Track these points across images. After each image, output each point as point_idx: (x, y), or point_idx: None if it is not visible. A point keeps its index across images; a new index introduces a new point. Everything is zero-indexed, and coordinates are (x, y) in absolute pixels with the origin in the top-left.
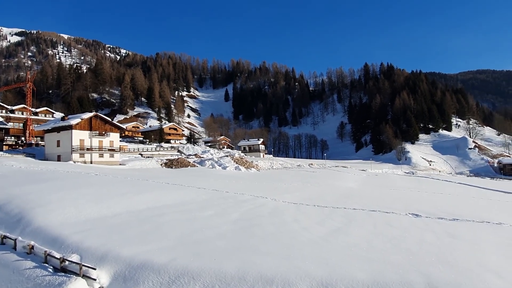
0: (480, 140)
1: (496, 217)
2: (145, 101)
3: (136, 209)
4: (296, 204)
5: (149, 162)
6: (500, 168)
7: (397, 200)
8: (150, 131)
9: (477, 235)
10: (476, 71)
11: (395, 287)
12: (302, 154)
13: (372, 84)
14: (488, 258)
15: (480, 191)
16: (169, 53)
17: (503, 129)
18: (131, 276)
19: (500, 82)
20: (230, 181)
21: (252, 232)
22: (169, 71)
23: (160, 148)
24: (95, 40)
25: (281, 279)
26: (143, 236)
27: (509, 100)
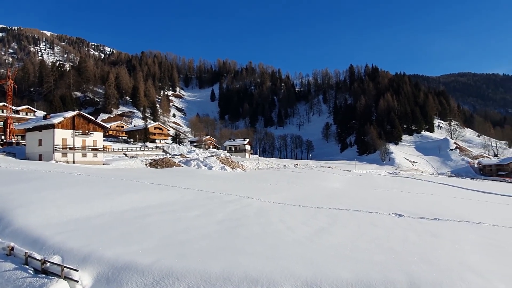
0: (461, 141)
1: (476, 217)
2: (129, 100)
3: (120, 209)
4: (282, 204)
5: (133, 162)
6: (480, 169)
7: (380, 200)
8: (135, 131)
9: (457, 234)
10: (457, 74)
11: (378, 286)
12: (288, 154)
13: (357, 85)
14: (468, 257)
15: (460, 191)
16: (155, 52)
17: (483, 131)
18: (115, 278)
19: (481, 85)
20: (216, 181)
21: (238, 233)
22: (155, 70)
23: (145, 147)
24: (78, 37)
25: (266, 279)
26: (127, 237)
27: (489, 102)
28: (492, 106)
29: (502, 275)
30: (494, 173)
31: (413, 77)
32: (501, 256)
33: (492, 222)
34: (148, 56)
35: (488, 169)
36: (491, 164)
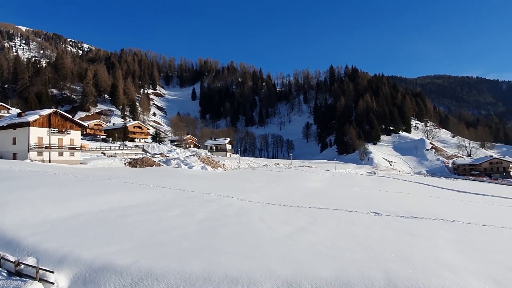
0: (437, 141)
1: (450, 215)
2: (108, 98)
3: (98, 209)
4: (262, 203)
5: (112, 161)
6: (454, 168)
7: (359, 199)
8: (114, 129)
9: (433, 232)
10: (433, 76)
11: (356, 283)
12: (269, 154)
13: (337, 86)
14: (443, 254)
15: (436, 190)
16: (135, 49)
17: (457, 132)
18: (92, 279)
19: (455, 87)
20: (196, 181)
21: (218, 232)
22: (134, 68)
23: (124, 147)
24: (55, 33)
25: (247, 278)
26: (105, 237)
27: (463, 104)
28: (466, 107)
29: (474, 271)
30: (468, 173)
31: (391, 78)
32: (473, 252)
33: (466, 220)
34: (128, 54)
35: (462, 169)
36: (465, 164)
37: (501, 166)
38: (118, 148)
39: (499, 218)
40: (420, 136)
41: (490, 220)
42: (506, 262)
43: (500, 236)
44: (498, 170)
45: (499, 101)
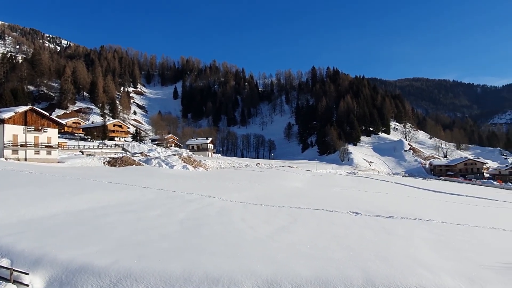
0: (415, 143)
1: (427, 215)
2: (87, 95)
3: (75, 209)
4: (244, 203)
5: (90, 160)
6: (431, 169)
7: (339, 199)
8: (93, 128)
9: (410, 231)
10: (412, 79)
11: (336, 282)
12: (250, 153)
13: (318, 87)
14: (420, 253)
15: (413, 190)
16: (115, 46)
17: (434, 133)
18: (68, 281)
19: (433, 90)
20: (177, 180)
21: (199, 232)
22: (115, 66)
23: (103, 145)
24: (32, 28)
25: (227, 278)
26: (82, 238)
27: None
28: (442, 110)
29: (450, 269)
30: (444, 173)
31: (371, 80)
32: (449, 251)
33: (441, 219)
34: (108, 51)
35: (438, 170)
36: (441, 165)
37: (475, 167)
38: (97, 147)
39: (473, 217)
40: (398, 137)
41: (464, 219)
42: (479, 260)
43: (473, 235)
44: (472, 171)
45: (474, 104)
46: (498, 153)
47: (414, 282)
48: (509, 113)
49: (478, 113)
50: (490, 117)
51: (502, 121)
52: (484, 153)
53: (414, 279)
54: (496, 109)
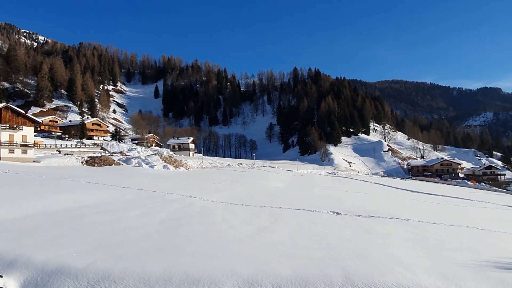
0: (393, 144)
1: (405, 214)
2: (65, 93)
3: (52, 210)
4: (225, 203)
5: (68, 160)
6: (408, 169)
7: (320, 199)
8: (70, 126)
9: (388, 230)
10: (391, 81)
11: (316, 281)
12: (232, 153)
13: (300, 87)
14: (397, 251)
15: (392, 190)
16: (94, 43)
17: (412, 135)
18: (44, 283)
19: (411, 92)
20: (158, 180)
21: (179, 232)
22: (94, 63)
23: (81, 144)
24: (7, 23)
25: (208, 278)
26: (59, 239)
27: (418, 108)
28: (420, 111)
29: (426, 267)
30: (421, 174)
31: (352, 81)
32: (425, 249)
33: (418, 218)
34: (87, 48)
35: (415, 170)
36: (418, 165)
37: (451, 168)
38: (75, 146)
39: (448, 216)
40: (378, 138)
41: (440, 218)
42: (454, 258)
43: (449, 233)
44: (448, 171)
45: (450, 106)
46: (473, 154)
47: (392, 280)
48: (483, 115)
49: (454, 115)
50: (465, 119)
51: (476, 123)
52: (459, 154)
53: (392, 277)
54: (471, 112)
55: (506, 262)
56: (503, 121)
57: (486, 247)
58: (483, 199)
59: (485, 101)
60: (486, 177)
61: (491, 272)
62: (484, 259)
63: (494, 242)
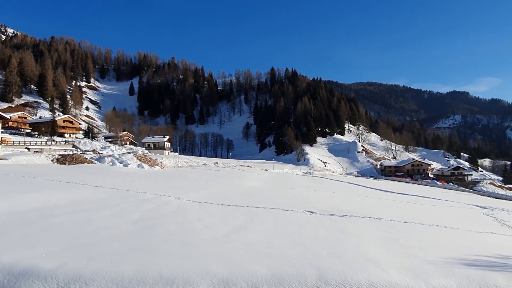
0: (367, 144)
1: (377, 213)
2: (35, 89)
3: (20, 210)
4: (200, 202)
5: (37, 158)
6: (381, 169)
7: (295, 199)
8: (40, 123)
9: (361, 229)
10: (366, 83)
11: (291, 280)
12: (208, 153)
13: (277, 88)
14: (370, 250)
15: (365, 190)
16: (67, 38)
17: (385, 136)
18: (11, 285)
19: (385, 94)
20: (132, 179)
21: (154, 232)
22: (66, 58)
23: (51, 142)
24: None
25: (182, 278)
26: (28, 239)
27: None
28: (393, 113)
29: (396, 265)
30: (393, 174)
31: (328, 83)
32: (396, 247)
33: (390, 217)
34: (59, 42)
35: (388, 170)
36: (391, 166)
37: (421, 168)
38: (45, 143)
39: (418, 215)
40: (352, 139)
41: (410, 217)
42: (423, 256)
43: (418, 232)
44: (418, 172)
45: (421, 108)
46: (442, 155)
47: (364, 278)
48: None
49: (424, 117)
50: (435, 122)
51: (446, 125)
52: (429, 155)
53: (364, 275)
54: (441, 114)
55: (471, 259)
56: (470, 123)
57: (453, 245)
58: (451, 198)
59: (454, 104)
60: (454, 178)
61: (457, 269)
62: (451, 256)
63: (461, 240)
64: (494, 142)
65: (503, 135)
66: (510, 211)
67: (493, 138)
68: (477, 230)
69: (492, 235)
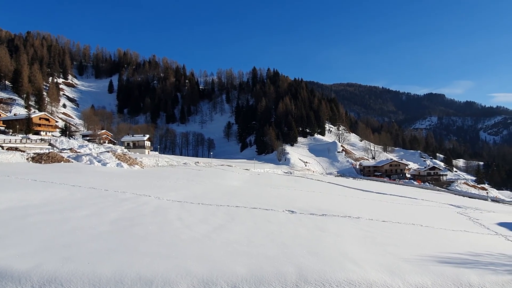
0: (347, 144)
1: (356, 212)
2: (10, 85)
3: None
4: (181, 202)
5: (11, 156)
6: (361, 169)
7: (276, 198)
8: (15, 120)
9: (340, 228)
10: (346, 84)
11: (271, 279)
12: (189, 152)
13: (259, 87)
14: (348, 248)
15: (344, 190)
16: (44, 33)
17: (364, 136)
18: None
19: (364, 95)
20: (111, 179)
21: (132, 232)
22: (43, 54)
23: (27, 140)
24: None
25: (161, 279)
26: (1, 240)
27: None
28: (372, 114)
29: (374, 263)
30: (372, 174)
31: (309, 83)
32: (374, 246)
33: (369, 216)
34: (36, 37)
35: (367, 170)
36: (370, 166)
37: (399, 168)
38: (20, 141)
39: (395, 214)
40: (333, 139)
41: (388, 216)
42: (399, 254)
43: (395, 230)
44: (396, 172)
45: (399, 110)
46: (418, 156)
47: (343, 276)
48: (428, 119)
49: (402, 118)
50: (412, 123)
51: (423, 127)
52: (407, 155)
53: (343, 274)
54: (418, 115)
55: (446, 256)
56: (446, 125)
57: (429, 243)
58: (427, 198)
59: (431, 106)
60: (430, 177)
61: (432, 266)
62: (426, 254)
63: (436, 238)
64: (468, 143)
65: (477, 137)
66: (483, 210)
67: (467, 139)
68: (451, 229)
69: (465, 233)
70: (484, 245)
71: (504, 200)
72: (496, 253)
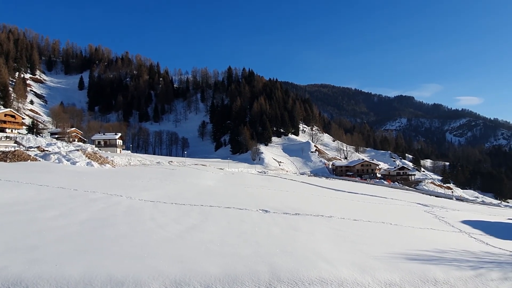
0: (320, 145)
1: (328, 211)
2: None
3: None
4: (154, 202)
5: None
6: (333, 169)
7: (250, 197)
8: None
9: (313, 227)
10: (320, 85)
11: (244, 278)
12: (163, 151)
13: (234, 87)
14: (321, 247)
15: (317, 189)
16: (10, 26)
17: (337, 137)
18: None
19: (338, 96)
20: (80, 178)
21: (103, 233)
22: (9, 48)
23: None
24: None
25: (133, 280)
26: None
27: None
28: (345, 115)
29: (345, 261)
30: (344, 173)
31: (284, 83)
32: (345, 244)
33: (340, 215)
34: (1, 30)
35: (339, 170)
36: (342, 166)
37: (370, 168)
38: None
39: (366, 213)
40: (306, 139)
41: (359, 215)
42: (370, 252)
43: (366, 229)
44: (367, 172)
45: (371, 111)
46: (389, 156)
47: (315, 274)
48: (398, 121)
49: (374, 119)
50: (383, 124)
51: (393, 128)
52: (378, 156)
53: (316, 272)
54: (389, 117)
55: (414, 254)
56: (415, 126)
57: (398, 241)
58: (396, 197)
59: (401, 108)
60: (399, 177)
61: (401, 263)
62: (396, 252)
63: (404, 236)
64: (435, 144)
65: (443, 138)
66: (448, 208)
67: (434, 141)
68: (419, 227)
69: (432, 231)
70: (449, 242)
71: (467, 199)
72: (460, 250)
